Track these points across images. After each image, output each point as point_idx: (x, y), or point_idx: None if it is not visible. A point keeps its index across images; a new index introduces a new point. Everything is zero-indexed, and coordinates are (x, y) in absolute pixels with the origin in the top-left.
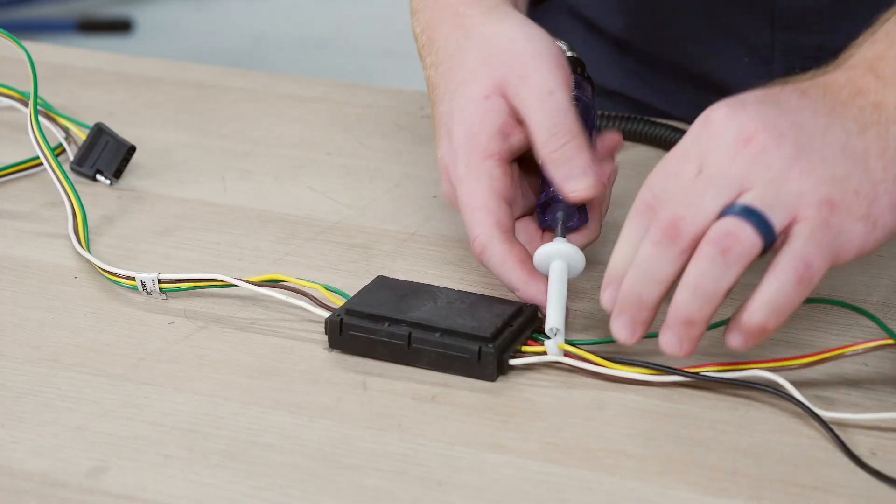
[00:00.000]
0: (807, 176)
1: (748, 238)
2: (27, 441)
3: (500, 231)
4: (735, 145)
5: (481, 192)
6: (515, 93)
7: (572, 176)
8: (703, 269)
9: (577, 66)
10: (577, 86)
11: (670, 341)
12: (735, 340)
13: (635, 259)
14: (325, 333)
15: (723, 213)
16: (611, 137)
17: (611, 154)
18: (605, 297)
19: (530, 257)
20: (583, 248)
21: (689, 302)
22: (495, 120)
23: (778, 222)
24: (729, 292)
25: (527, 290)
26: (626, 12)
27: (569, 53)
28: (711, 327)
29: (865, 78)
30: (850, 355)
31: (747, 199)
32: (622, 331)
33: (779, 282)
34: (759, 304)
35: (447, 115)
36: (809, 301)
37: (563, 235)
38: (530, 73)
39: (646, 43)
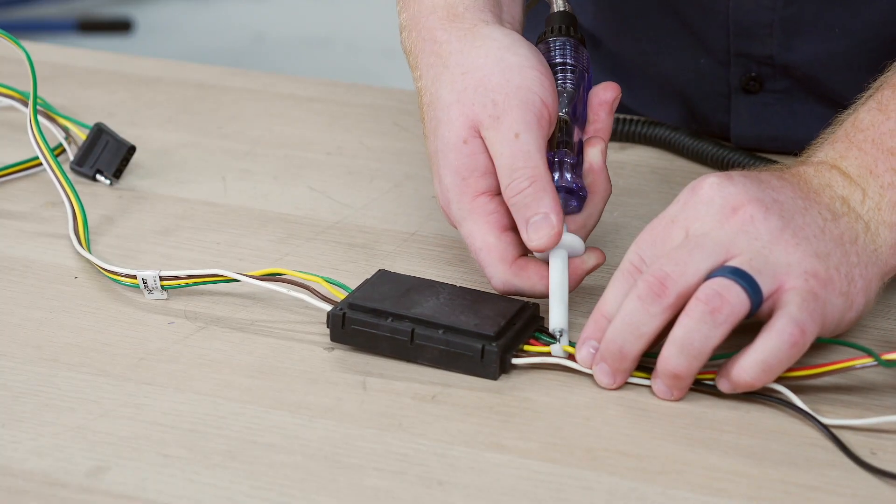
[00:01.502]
0: (793, 248)
1: (737, 298)
2: (27, 441)
3: (507, 265)
4: (723, 213)
5: (479, 231)
6: (486, 135)
7: (532, 222)
8: (691, 326)
9: (567, 23)
10: (574, 49)
11: (661, 389)
12: (724, 386)
13: (619, 312)
14: (327, 326)
15: (711, 275)
16: (605, 91)
17: (609, 109)
18: (582, 354)
19: (541, 264)
20: (584, 237)
21: (677, 359)
22: (478, 162)
23: (765, 287)
24: (714, 351)
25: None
26: (595, 8)
27: (560, 7)
28: (715, 358)
29: (831, 173)
30: (859, 369)
31: (735, 263)
32: (603, 377)
33: (773, 343)
34: (751, 363)
35: (433, 156)
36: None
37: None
38: (501, 115)
39: (611, 39)
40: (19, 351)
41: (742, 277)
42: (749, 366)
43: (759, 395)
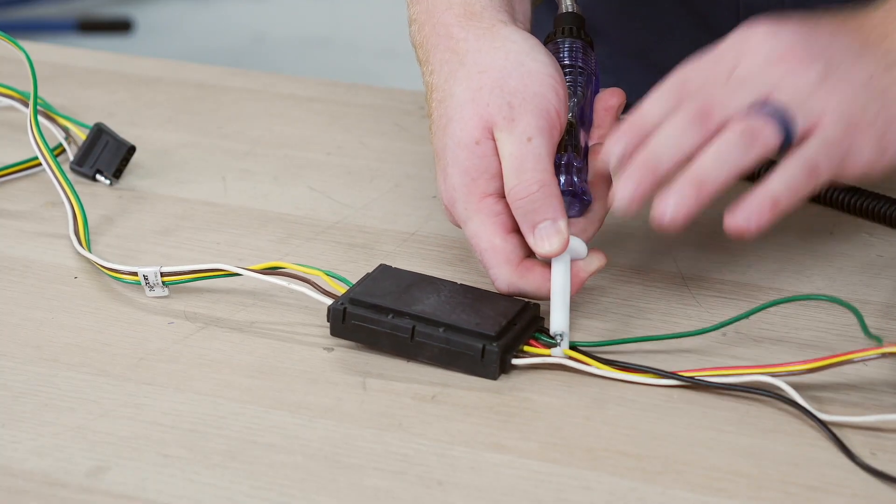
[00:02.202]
0: (831, 95)
1: (771, 132)
2: (27, 441)
3: (512, 267)
4: (769, 59)
5: (484, 232)
6: (499, 136)
7: (539, 227)
8: (725, 142)
9: (576, 25)
10: (583, 52)
11: (669, 202)
12: (731, 221)
13: (663, 127)
14: (328, 320)
15: (750, 110)
16: (610, 96)
17: (614, 115)
18: (616, 150)
19: (546, 266)
20: (588, 240)
21: (707, 164)
22: (489, 165)
23: (798, 128)
24: (738, 177)
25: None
26: None
27: (569, 8)
28: (705, 331)
29: (895, 24)
30: (858, 361)
31: (774, 102)
32: (624, 191)
33: (787, 172)
34: (760, 195)
35: (441, 152)
36: (808, 297)
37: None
38: (516, 117)
39: (610, 28)
40: (19, 351)
41: (777, 115)
42: (758, 198)
43: (759, 393)
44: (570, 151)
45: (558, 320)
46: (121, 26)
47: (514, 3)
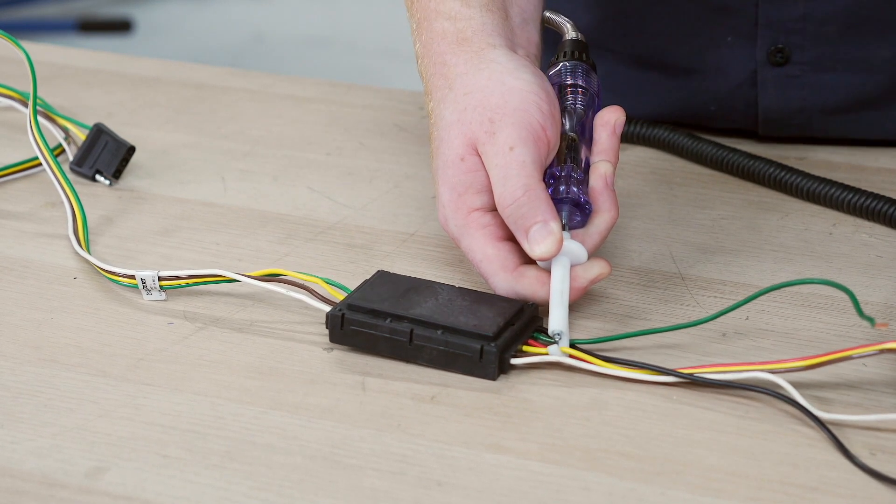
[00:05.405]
0: None
1: None
2: (27, 441)
3: (509, 272)
4: None
5: (476, 243)
6: (482, 150)
7: (532, 231)
8: None
9: (580, 50)
10: (585, 74)
11: None
12: None
13: None
14: (326, 327)
15: None
16: (608, 112)
17: (611, 131)
18: None
19: (545, 271)
20: (590, 252)
21: None
22: (475, 180)
23: None
24: None
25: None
26: (595, 9)
27: (572, 35)
28: (702, 321)
29: None
30: (857, 358)
31: None
32: None
33: None
34: None
35: (434, 174)
36: (801, 282)
37: (566, 230)
38: (497, 131)
39: (612, 38)
40: (18, 351)
41: None
42: None
43: (758, 390)
44: (570, 163)
45: (557, 319)
46: (121, 26)
47: (514, 28)
